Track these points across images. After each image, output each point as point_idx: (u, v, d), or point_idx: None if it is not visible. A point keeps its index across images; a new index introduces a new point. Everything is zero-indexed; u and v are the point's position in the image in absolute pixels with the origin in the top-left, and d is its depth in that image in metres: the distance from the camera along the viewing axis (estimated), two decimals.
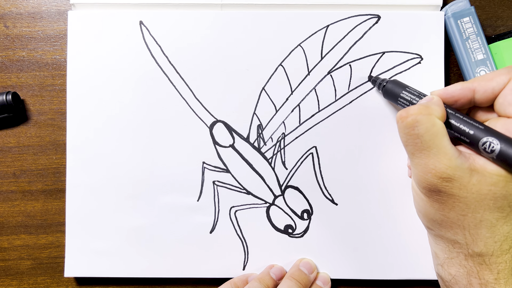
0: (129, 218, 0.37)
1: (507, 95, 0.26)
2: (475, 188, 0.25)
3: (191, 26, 0.37)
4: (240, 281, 0.36)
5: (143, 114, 0.37)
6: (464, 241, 0.26)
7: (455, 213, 0.26)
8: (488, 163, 0.26)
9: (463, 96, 0.28)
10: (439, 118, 0.26)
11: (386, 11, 0.37)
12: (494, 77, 0.27)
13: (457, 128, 0.27)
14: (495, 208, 0.25)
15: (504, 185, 0.25)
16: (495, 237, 0.25)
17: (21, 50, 0.39)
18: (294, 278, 0.34)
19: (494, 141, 0.25)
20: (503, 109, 0.27)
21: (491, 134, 0.26)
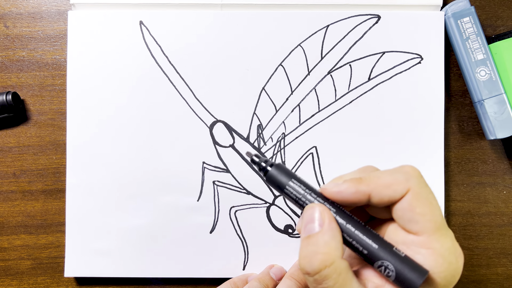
0: (129, 218, 0.37)
1: (405, 209, 0.24)
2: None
3: (191, 26, 0.37)
4: (240, 281, 0.36)
5: (143, 114, 0.37)
6: None
7: None
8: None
9: (358, 201, 0.25)
10: (341, 257, 0.24)
11: (386, 11, 0.37)
12: (391, 184, 0.24)
13: (351, 245, 0.25)
14: None
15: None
16: None
17: (21, 50, 0.39)
18: (294, 278, 0.34)
19: (389, 266, 0.23)
20: (402, 223, 0.24)
21: (386, 256, 0.24)
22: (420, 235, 0.24)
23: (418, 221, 0.24)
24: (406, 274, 0.23)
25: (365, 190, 0.24)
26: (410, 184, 0.24)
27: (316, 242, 0.24)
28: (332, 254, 0.23)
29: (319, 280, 0.23)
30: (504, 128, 0.36)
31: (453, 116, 0.39)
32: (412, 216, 0.24)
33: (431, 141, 0.37)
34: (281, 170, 0.26)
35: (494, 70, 0.36)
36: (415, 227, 0.24)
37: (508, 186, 0.39)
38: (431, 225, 0.24)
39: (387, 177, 0.25)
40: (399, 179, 0.24)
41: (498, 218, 0.39)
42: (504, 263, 0.39)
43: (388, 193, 0.24)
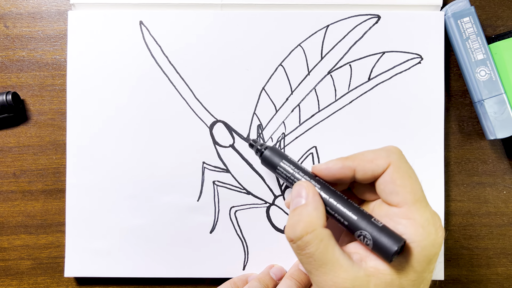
0: (129, 218, 0.37)
1: (387, 183, 0.26)
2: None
3: (191, 26, 0.37)
4: (240, 281, 0.36)
5: (143, 114, 0.37)
6: None
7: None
8: (379, 262, 0.25)
9: (344, 175, 0.27)
10: (323, 226, 0.26)
11: (386, 11, 0.37)
12: (374, 159, 0.26)
13: (334, 217, 0.27)
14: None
15: (399, 283, 0.25)
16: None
17: (21, 50, 0.39)
18: (294, 278, 0.34)
19: (367, 235, 0.25)
20: (384, 196, 0.26)
21: (364, 226, 0.25)
22: (401, 207, 0.25)
23: (398, 192, 0.25)
24: (383, 242, 0.24)
25: (350, 165, 0.27)
26: (391, 159, 0.26)
27: (300, 212, 0.26)
28: (314, 222, 0.26)
29: (302, 246, 0.25)
30: (504, 128, 0.36)
31: (453, 116, 0.39)
32: (393, 188, 0.26)
33: (431, 141, 0.37)
34: (274, 152, 0.31)
35: (494, 70, 0.36)
36: (396, 198, 0.26)
37: (508, 186, 0.39)
38: (411, 197, 0.25)
39: (370, 154, 0.27)
40: (381, 154, 0.26)
41: (498, 218, 0.39)
42: (504, 263, 0.39)
43: (371, 167, 0.26)
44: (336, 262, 0.25)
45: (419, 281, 0.25)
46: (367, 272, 0.25)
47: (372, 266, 0.25)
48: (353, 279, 0.25)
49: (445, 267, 0.38)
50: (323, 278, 0.25)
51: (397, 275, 0.25)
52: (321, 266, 0.25)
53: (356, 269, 0.25)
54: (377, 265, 0.25)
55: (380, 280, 0.25)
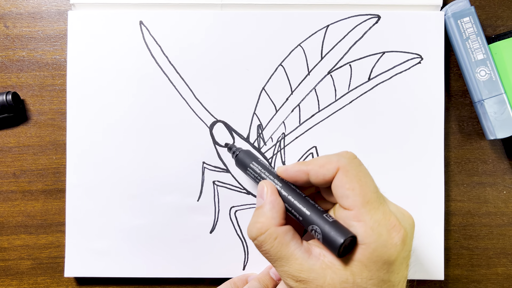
0: (129, 218, 0.37)
1: (337, 187, 0.27)
2: (331, 287, 0.25)
3: (191, 26, 0.37)
4: (240, 281, 0.36)
5: (143, 114, 0.37)
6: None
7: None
8: (334, 257, 0.26)
9: (299, 178, 0.29)
10: (279, 225, 0.28)
11: (386, 11, 0.37)
12: (325, 164, 0.28)
13: (291, 213, 0.29)
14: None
15: (353, 280, 0.25)
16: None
17: (21, 50, 0.39)
18: None
19: (317, 229, 0.27)
20: (338, 200, 0.27)
21: (316, 221, 0.27)
22: (351, 209, 0.26)
23: (348, 196, 0.26)
24: (331, 235, 0.26)
25: (304, 170, 0.29)
26: (340, 163, 0.27)
27: (258, 213, 0.29)
28: (267, 223, 0.28)
29: (258, 244, 0.28)
30: (504, 128, 0.36)
31: (453, 116, 0.39)
32: (343, 192, 0.27)
33: (431, 141, 0.37)
34: (247, 155, 0.33)
35: (494, 70, 0.36)
36: (346, 202, 0.26)
37: (508, 186, 0.39)
38: (360, 199, 0.26)
39: (323, 159, 0.28)
40: (331, 159, 0.28)
41: (498, 218, 0.39)
42: (504, 263, 0.39)
43: (322, 172, 0.28)
44: (291, 256, 0.27)
45: (378, 281, 0.25)
46: (323, 265, 0.26)
47: (329, 260, 0.26)
48: (308, 270, 0.26)
49: (445, 267, 0.38)
50: (280, 269, 0.27)
51: (351, 272, 0.25)
52: (277, 260, 0.27)
53: (312, 262, 0.26)
54: (333, 260, 0.26)
55: (335, 274, 0.26)
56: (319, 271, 0.26)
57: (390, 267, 0.25)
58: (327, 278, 0.26)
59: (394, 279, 0.26)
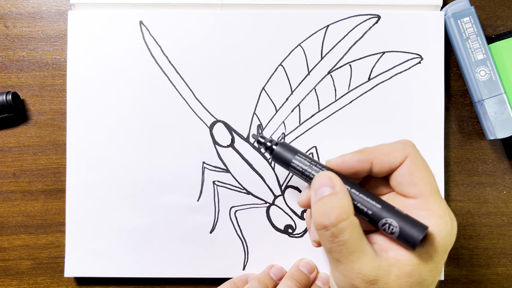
0: (129, 218, 0.37)
1: (404, 174, 0.26)
2: (396, 283, 0.25)
3: (191, 26, 0.37)
4: (240, 281, 0.36)
5: (143, 114, 0.37)
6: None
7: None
8: (399, 252, 0.25)
9: (360, 169, 0.27)
10: (353, 214, 0.25)
11: (386, 11, 0.37)
12: (391, 151, 0.26)
13: (356, 207, 0.26)
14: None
15: (418, 273, 0.25)
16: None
17: (21, 50, 0.39)
18: (294, 278, 0.34)
19: (393, 223, 0.25)
20: (400, 188, 0.26)
21: (389, 214, 0.25)
22: (418, 198, 0.26)
23: (416, 184, 0.26)
24: (408, 229, 0.24)
25: (367, 158, 0.27)
26: (408, 151, 0.26)
27: (330, 200, 0.25)
28: (347, 210, 0.25)
29: (336, 233, 0.24)
30: (504, 128, 0.36)
31: (453, 116, 0.39)
32: (410, 179, 0.26)
33: (431, 141, 0.37)
34: (286, 148, 0.29)
35: (494, 70, 0.36)
36: (413, 190, 0.26)
37: (508, 186, 0.39)
38: (428, 188, 0.26)
39: (387, 147, 0.27)
40: (397, 147, 0.27)
41: (498, 218, 0.39)
42: (504, 263, 0.39)
43: (388, 160, 0.26)
44: (364, 251, 0.25)
45: (436, 271, 0.25)
46: (388, 263, 0.25)
47: (393, 257, 0.25)
48: (377, 268, 0.24)
49: (445, 267, 0.38)
50: (350, 266, 0.25)
51: (417, 265, 0.25)
52: (351, 254, 0.25)
53: (378, 259, 0.25)
54: (397, 256, 0.25)
55: (400, 270, 0.25)
56: (385, 268, 0.25)
57: (446, 256, 0.26)
58: (391, 276, 0.25)
59: (442, 266, 0.26)
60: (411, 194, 0.26)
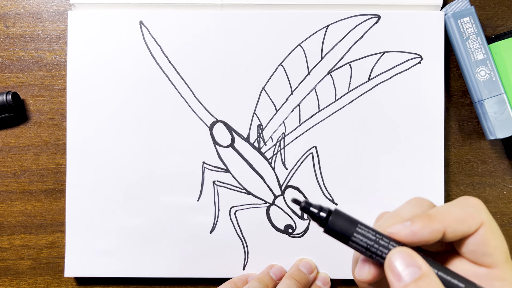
0: (129, 218, 0.37)
1: (480, 244, 0.24)
2: None
3: (191, 26, 0.37)
4: (240, 281, 0.36)
5: (143, 114, 0.37)
6: None
7: None
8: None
9: (434, 239, 0.24)
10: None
11: (386, 11, 0.37)
12: (465, 218, 0.24)
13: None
14: None
15: None
16: None
17: (21, 50, 0.39)
18: (294, 278, 0.34)
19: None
20: (474, 257, 0.24)
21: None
22: (492, 268, 0.24)
23: (492, 254, 0.24)
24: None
25: (440, 228, 0.23)
26: (483, 218, 0.24)
27: (427, 284, 0.23)
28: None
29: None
30: (504, 128, 0.36)
31: (453, 116, 0.39)
32: (486, 249, 0.24)
33: (431, 141, 0.37)
34: (343, 218, 0.24)
35: (494, 70, 0.36)
36: (488, 260, 0.24)
37: (508, 186, 0.39)
38: (503, 257, 0.24)
39: (459, 212, 0.24)
40: (471, 212, 0.24)
41: (498, 218, 0.39)
42: None
43: (462, 228, 0.24)
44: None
45: None
46: None
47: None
48: None
49: None
50: None
51: None
52: None
53: None
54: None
55: None
56: None
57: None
58: None
59: None
60: (486, 263, 0.24)
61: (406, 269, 0.23)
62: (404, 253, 0.23)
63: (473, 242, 0.24)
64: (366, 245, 0.23)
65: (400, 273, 0.23)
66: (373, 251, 0.23)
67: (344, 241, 0.24)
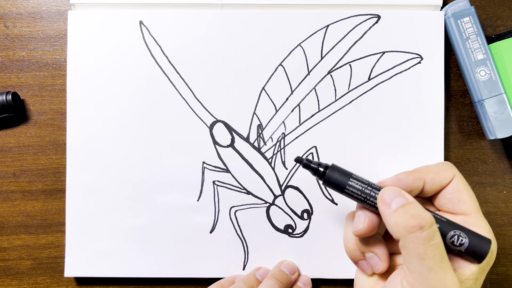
0: (129, 218, 0.37)
1: (455, 192, 0.27)
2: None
3: (191, 26, 0.37)
4: (227, 282, 0.36)
5: (143, 114, 0.37)
6: None
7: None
8: (465, 268, 0.26)
9: (415, 187, 0.28)
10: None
11: (386, 11, 0.37)
12: (440, 170, 0.28)
13: None
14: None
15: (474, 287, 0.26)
16: None
17: (21, 50, 0.39)
18: (276, 278, 0.35)
19: (461, 234, 0.26)
20: (450, 206, 0.28)
21: (455, 227, 0.26)
22: (468, 214, 0.27)
23: (466, 201, 0.27)
24: (476, 242, 0.25)
25: (421, 177, 0.28)
26: (454, 171, 0.28)
27: (415, 206, 0.25)
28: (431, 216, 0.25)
29: (431, 234, 0.24)
30: (504, 128, 0.36)
31: (453, 116, 0.39)
32: (460, 197, 0.27)
33: (431, 141, 0.37)
34: (338, 171, 0.28)
35: (494, 70, 0.36)
36: (463, 206, 0.27)
37: (508, 186, 0.39)
38: (476, 205, 0.27)
39: (434, 167, 0.29)
40: (444, 167, 0.28)
41: (498, 218, 0.39)
42: (504, 263, 0.39)
43: (439, 178, 0.28)
44: (448, 262, 0.24)
45: (480, 286, 0.26)
46: (459, 278, 0.25)
47: (460, 273, 0.26)
48: (458, 283, 0.24)
49: None
50: (443, 276, 0.24)
51: (475, 280, 0.26)
52: (442, 260, 0.24)
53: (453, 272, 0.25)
54: (464, 271, 0.26)
55: (465, 286, 0.25)
56: (458, 284, 0.24)
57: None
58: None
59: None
60: (461, 210, 0.27)
61: (394, 199, 0.26)
62: (393, 188, 0.27)
63: (449, 191, 0.28)
64: (359, 191, 0.28)
65: (390, 202, 0.26)
66: (365, 196, 0.28)
67: (340, 190, 0.28)
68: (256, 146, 0.38)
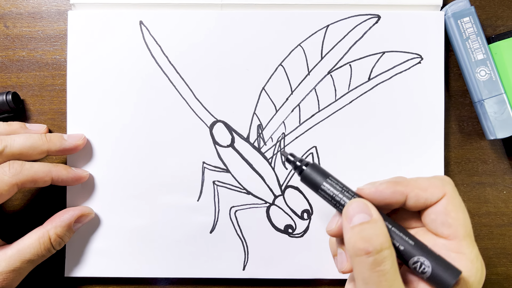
0: (129, 218, 0.37)
1: (440, 213, 0.25)
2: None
3: (191, 26, 0.37)
4: None
5: (143, 114, 0.37)
6: None
7: None
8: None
9: (395, 201, 0.26)
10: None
11: (386, 11, 0.37)
12: (428, 187, 0.25)
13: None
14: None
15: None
16: None
17: (21, 50, 0.39)
18: None
19: (425, 262, 0.24)
20: (433, 227, 0.25)
21: (422, 253, 0.24)
22: (451, 239, 0.25)
23: (451, 225, 0.25)
24: (441, 272, 0.23)
25: (403, 191, 0.25)
26: (446, 189, 0.25)
27: (372, 227, 0.24)
28: (389, 239, 0.24)
29: (379, 261, 0.23)
30: (504, 128, 0.36)
31: (453, 116, 0.39)
32: (446, 219, 0.25)
33: (431, 141, 0.37)
34: (317, 170, 0.27)
35: (494, 70, 0.36)
36: (447, 231, 0.25)
37: (508, 186, 0.39)
38: (462, 231, 0.25)
39: (424, 181, 0.26)
40: (435, 183, 0.25)
41: (498, 218, 0.39)
42: (504, 263, 0.39)
43: (425, 195, 0.25)
44: (400, 286, 0.23)
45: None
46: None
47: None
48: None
49: None
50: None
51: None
52: (390, 287, 0.23)
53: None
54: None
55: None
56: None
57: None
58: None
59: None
60: (444, 234, 0.25)
61: (357, 214, 0.25)
62: (359, 202, 0.25)
63: (434, 211, 0.25)
64: (332, 194, 0.26)
65: (351, 217, 0.25)
66: (337, 201, 0.26)
67: (315, 189, 0.27)
68: (256, 146, 0.38)
